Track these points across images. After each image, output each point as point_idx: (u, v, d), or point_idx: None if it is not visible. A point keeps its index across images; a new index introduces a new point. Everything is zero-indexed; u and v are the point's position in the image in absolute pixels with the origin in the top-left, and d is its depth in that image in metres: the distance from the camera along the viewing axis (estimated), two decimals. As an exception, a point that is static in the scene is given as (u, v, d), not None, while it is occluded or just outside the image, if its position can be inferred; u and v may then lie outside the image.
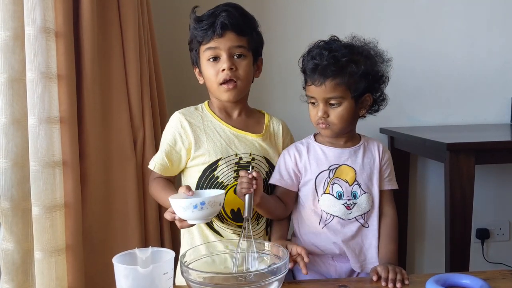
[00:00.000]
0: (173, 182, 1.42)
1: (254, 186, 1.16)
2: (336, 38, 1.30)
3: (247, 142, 1.36)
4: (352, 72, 1.22)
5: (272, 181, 1.35)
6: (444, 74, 2.20)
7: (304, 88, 1.31)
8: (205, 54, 1.32)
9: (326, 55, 1.23)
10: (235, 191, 1.25)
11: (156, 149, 1.45)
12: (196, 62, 1.39)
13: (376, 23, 2.13)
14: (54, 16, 1.31)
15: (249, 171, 1.19)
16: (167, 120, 1.40)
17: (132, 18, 1.56)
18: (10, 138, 1.30)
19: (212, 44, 1.30)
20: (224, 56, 1.30)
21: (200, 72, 1.38)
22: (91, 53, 1.43)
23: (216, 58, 1.31)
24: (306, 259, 1.18)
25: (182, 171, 1.39)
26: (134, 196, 1.56)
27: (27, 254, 1.35)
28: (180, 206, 1.15)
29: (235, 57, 1.31)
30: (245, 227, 1.15)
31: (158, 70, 1.77)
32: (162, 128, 1.42)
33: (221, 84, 1.31)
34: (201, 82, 1.40)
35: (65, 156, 1.34)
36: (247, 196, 1.17)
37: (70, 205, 1.35)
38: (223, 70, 1.30)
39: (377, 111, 1.34)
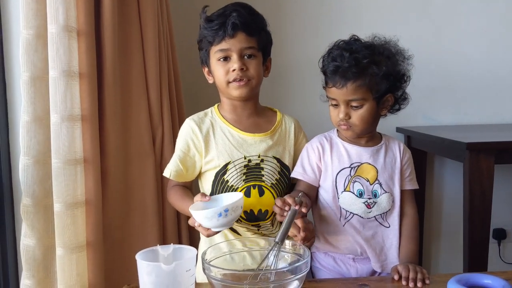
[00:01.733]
0: (190, 188, 1.43)
1: (285, 214, 1.11)
2: (356, 37, 1.29)
3: (256, 144, 1.36)
4: (374, 74, 1.21)
5: (294, 174, 1.34)
6: (461, 72, 2.19)
7: (324, 88, 1.30)
8: (216, 55, 1.33)
9: (347, 56, 1.21)
10: (245, 193, 1.30)
11: (175, 147, 1.46)
12: (205, 62, 1.39)
13: (392, 21, 2.13)
14: (76, 15, 1.33)
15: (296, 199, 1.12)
16: (185, 118, 1.41)
17: (152, 16, 1.57)
18: (32, 136, 1.32)
19: (223, 45, 1.31)
20: (234, 57, 1.30)
21: (210, 72, 1.39)
22: (112, 52, 1.45)
23: (226, 58, 1.32)
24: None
25: (199, 176, 1.41)
26: (152, 193, 1.57)
27: (48, 250, 1.37)
28: (205, 217, 1.16)
29: (246, 57, 1.32)
30: (273, 249, 1.07)
31: (177, 68, 1.78)
32: (180, 126, 1.42)
33: (231, 82, 1.32)
34: (210, 81, 1.41)
35: (86, 154, 1.36)
36: (284, 222, 1.09)
37: (91, 202, 1.37)
38: (234, 70, 1.30)
39: (398, 110, 1.32)
